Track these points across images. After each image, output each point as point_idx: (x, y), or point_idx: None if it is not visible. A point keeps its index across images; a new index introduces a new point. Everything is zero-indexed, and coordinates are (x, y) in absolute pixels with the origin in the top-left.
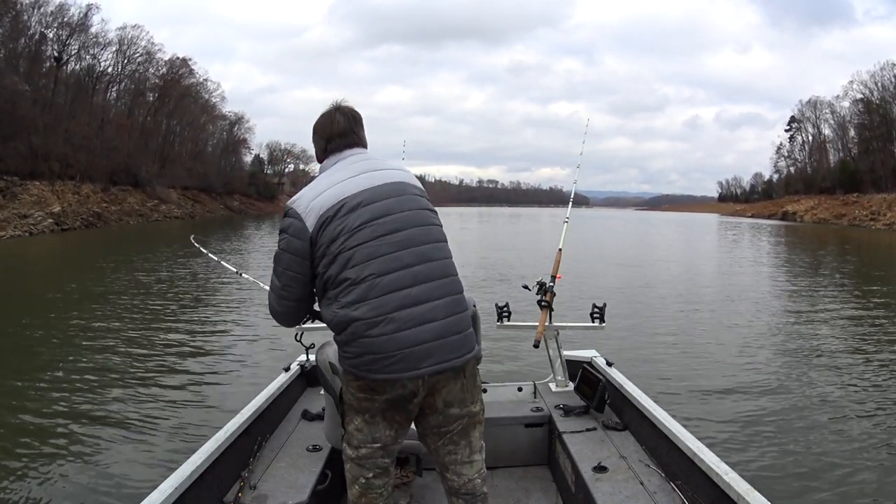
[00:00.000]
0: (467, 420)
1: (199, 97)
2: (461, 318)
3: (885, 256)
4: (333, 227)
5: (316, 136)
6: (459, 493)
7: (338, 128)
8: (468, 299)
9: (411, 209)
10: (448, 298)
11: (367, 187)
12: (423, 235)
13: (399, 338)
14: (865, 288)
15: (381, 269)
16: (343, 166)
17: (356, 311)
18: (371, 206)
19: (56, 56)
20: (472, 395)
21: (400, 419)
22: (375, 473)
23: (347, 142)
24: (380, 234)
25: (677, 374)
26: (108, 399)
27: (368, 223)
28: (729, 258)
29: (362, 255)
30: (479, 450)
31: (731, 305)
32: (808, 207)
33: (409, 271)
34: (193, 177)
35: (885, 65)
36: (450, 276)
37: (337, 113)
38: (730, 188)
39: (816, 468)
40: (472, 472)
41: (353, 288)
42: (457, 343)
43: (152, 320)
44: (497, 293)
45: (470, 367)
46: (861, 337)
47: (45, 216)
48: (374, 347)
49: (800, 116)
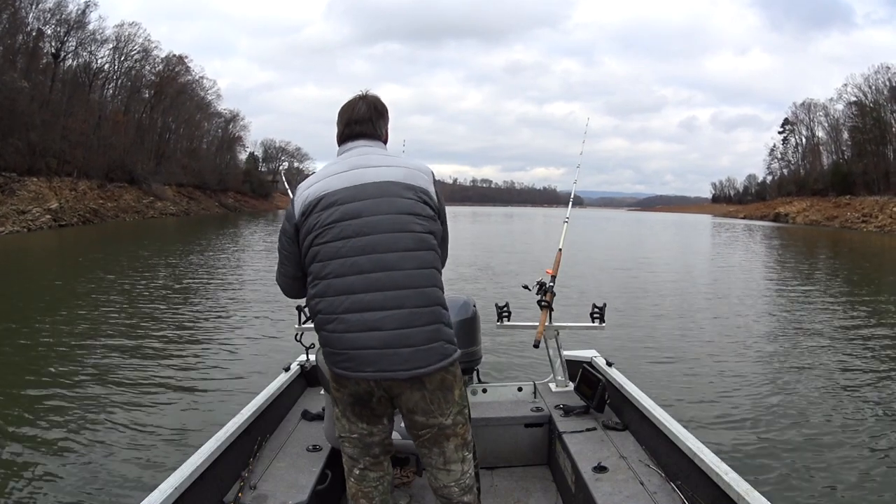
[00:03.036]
0: (437, 431)
1: (194, 95)
2: (418, 332)
3: (879, 258)
4: (311, 220)
5: (338, 120)
6: (438, 495)
7: (357, 114)
8: (466, 301)
9: (387, 213)
10: (404, 310)
11: (349, 185)
12: (390, 242)
13: (347, 338)
14: (864, 287)
15: (338, 270)
16: (343, 159)
17: (318, 304)
18: (344, 206)
19: (54, 53)
20: (442, 407)
21: (367, 414)
22: (366, 464)
23: (363, 130)
24: (345, 235)
25: (677, 374)
26: (108, 399)
27: (337, 223)
28: (727, 259)
29: (326, 253)
30: (459, 461)
31: (730, 306)
32: (800, 209)
33: (364, 277)
34: (188, 174)
35: (880, 68)
36: (412, 287)
37: (361, 101)
38: (723, 189)
39: (817, 468)
40: (447, 479)
41: (317, 282)
42: (407, 355)
43: (151, 319)
44: (494, 293)
45: (435, 381)
46: (861, 336)
47: (43, 212)
48: (329, 342)
49: (793, 119)
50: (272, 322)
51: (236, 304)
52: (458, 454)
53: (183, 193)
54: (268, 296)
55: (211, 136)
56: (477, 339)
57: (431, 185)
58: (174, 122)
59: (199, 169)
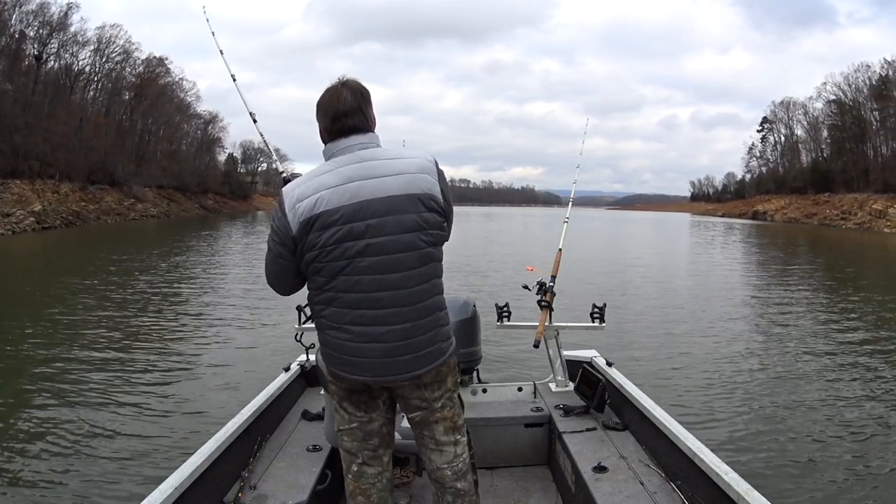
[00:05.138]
0: (426, 413)
1: (174, 96)
2: (418, 341)
3: (859, 254)
4: (311, 238)
5: (320, 114)
6: (431, 479)
7: (344, 105)
8: (466, 301)
9: (391, 234)
10: (406, 325)
11: (348, 203)
12: (395, 264)
13: (349, 346)
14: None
15: (341, 286)
16: (334, 166)
17: (323, 311)
18: (346, 226)
19: (36, 55)
20: (437, 394)
21: (365, 399)
22: (364, 458)
23: (354, 123)
24: (349, 256)
25: (677, 374)
26: (107, 398)
27: (341, 243)
28: (715, 257)
29: (330, 270)
30: (451, 444)
31: (729, 306)
32: (779, 207)
33: (368, 296)
34: (168, 176)
35: (860, 66)
36: (414, 303)
37: (344, 89)
38: (702, 188)
39: (817, 468)
40: (440, 460)
41: (320, 293)
42: (407, 361)
43: (151, 319)
44: (495, 293)
45: (430, 376)
46: (861, 336)
47: (27, 215)
48: (331, 345)
49: (772, 117)
50: (272, 322)
51: (235, 305)
52: (449, 437)
53: (163, 195)
54: (267, 296)
55: (190, 137)
56: (477, 339)
57: (436, 183)
58: (154, 124)
59: (178, 171)
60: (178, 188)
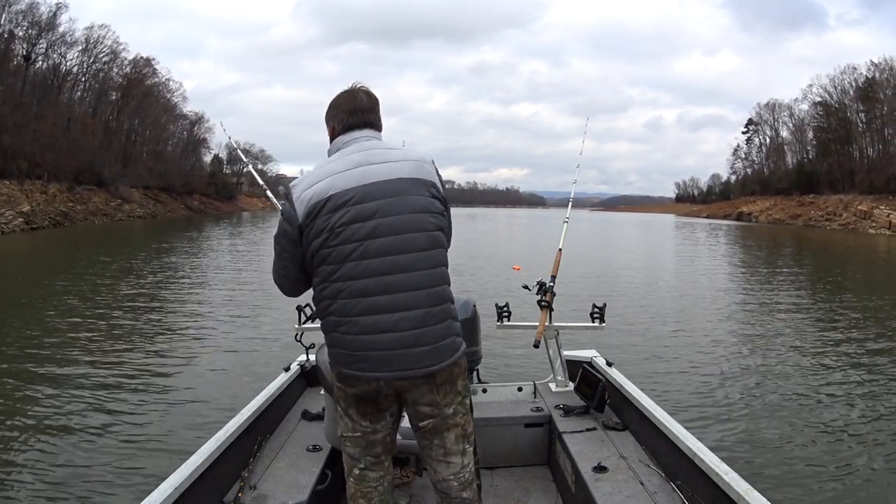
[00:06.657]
0: (438, 421)
1: (160, 97)
2: (431, 331)
3: (844, 255)
4: (319, 222)
5: (337, 111)
6: (437, 490)
7: (361, 103)
8: (466, 301)
9: (401, 213)
10: (419, 311)
11: (358, 185)
12: (405, 244)
13: (361, 340)
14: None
15: (350, 273)
16: (341, 155)
17: (330, 306)
18: (356, 206)
19: (25, 55)
20: (449, 399)
21: (371, 411)
22: (367, 464)
23: (368, 119)
24: (359, 238)
25: (677, 374)
26: (107, 398)
27: (350, 224)
28: (704, 258)
29: (339, 255)
30: (459, 453)
31: (729, 307)
32: (764, 208)
33: (379, 280)
34: (154, 176)
35: (846, 68)
36: (426, 288)
37: (360, 91)
38: (687, 189)
39: (817, 468)
40: (447, 472)
41: (328, 285)
42: (421, 354)
43: (149, 319)
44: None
45: (443, 375)
46: (862, 336)
47: (16, 215)
48: (341, 343)
49: (757, 119)
50: (272, 322)
51: (235, 305)
52: (459, 446)
53: (149, 196)
54: (267, 296)
55: (176, 138)
56: (477, 339)
57: (436, 175)
58: (140, 125)
59: (164, 171)
60: (164, 189)
